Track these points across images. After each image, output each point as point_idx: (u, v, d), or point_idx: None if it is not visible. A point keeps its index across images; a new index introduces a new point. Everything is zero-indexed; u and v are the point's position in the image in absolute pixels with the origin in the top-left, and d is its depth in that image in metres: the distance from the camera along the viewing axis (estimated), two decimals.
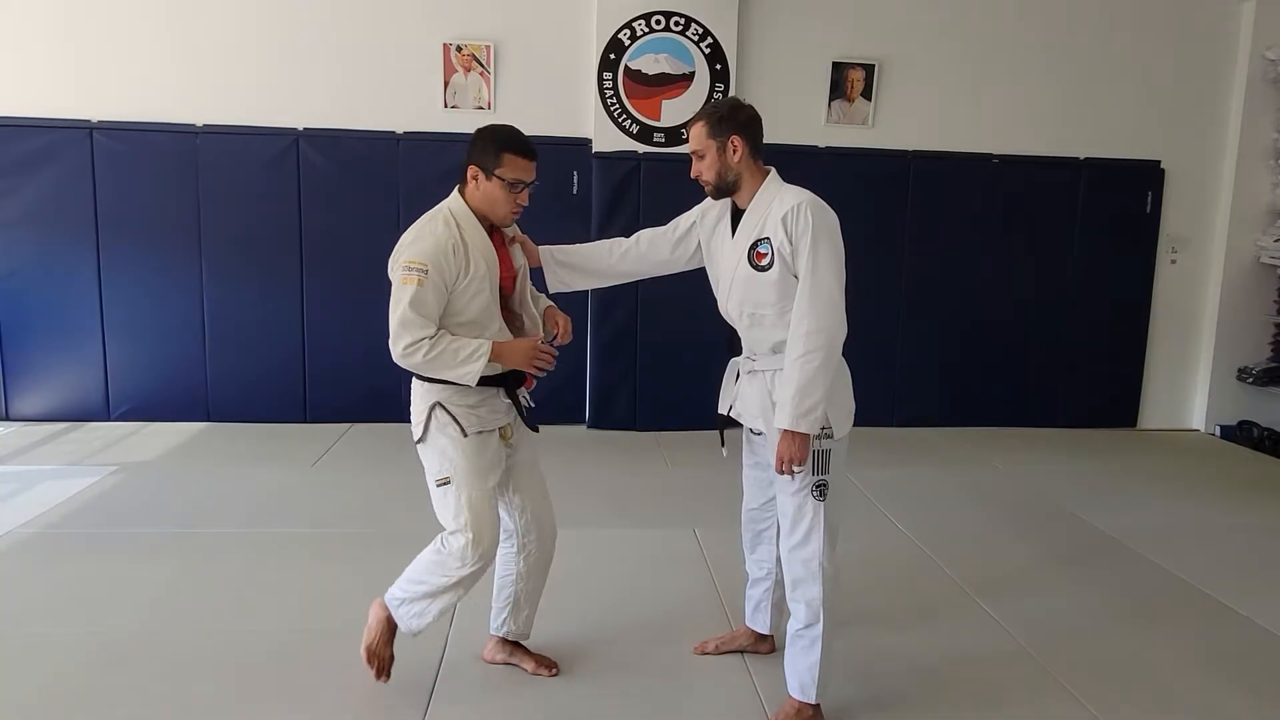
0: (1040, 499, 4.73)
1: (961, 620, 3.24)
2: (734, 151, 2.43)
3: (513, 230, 2.60)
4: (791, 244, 2.34)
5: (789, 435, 2.31)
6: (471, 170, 2.44)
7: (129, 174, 5.55)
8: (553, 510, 2.72)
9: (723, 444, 2.72)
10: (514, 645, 2.78)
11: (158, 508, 4.19)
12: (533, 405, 2.67)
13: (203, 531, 3.90)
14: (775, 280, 2.38)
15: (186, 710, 2.54)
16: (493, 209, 2.44)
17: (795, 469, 2.34)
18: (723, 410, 2.67)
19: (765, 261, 2.39)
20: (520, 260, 2.59)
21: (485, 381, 2.43)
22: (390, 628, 2.61)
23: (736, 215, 2.52)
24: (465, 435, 2.47)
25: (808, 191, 2.42)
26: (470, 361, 2.35)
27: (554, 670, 2.74)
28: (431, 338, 2.35)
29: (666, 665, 2.84)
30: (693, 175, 2.51)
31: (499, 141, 2.41)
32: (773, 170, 2.50)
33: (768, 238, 2.38)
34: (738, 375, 2.64)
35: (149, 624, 3.03)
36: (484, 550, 2.48)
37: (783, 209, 2.37)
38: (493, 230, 2.51)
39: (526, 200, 2.46)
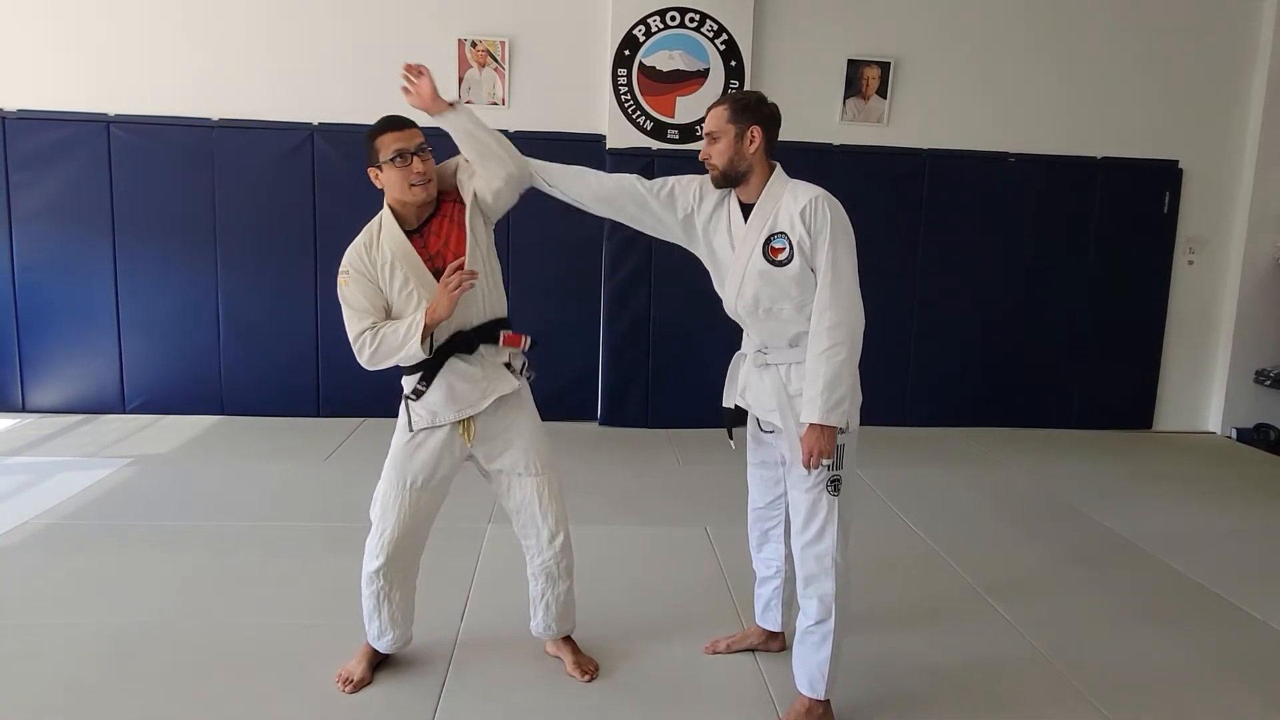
0: (1054, 500, 4.70)
1: (974, 621, 3.22)
2: (751, 142, 2.41)
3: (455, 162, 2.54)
4: (811, 238, 2.34)
5: (817, 429, 2.31)
6: (371, 174, 2.50)
7: (146, 168, 5.58)
8: (553, 519, 2.64)
9: (730, 436, 2.73)
10: (562, 640, 2.80)
11: (171, 500, 4.21)
12: (528, 376, 2.63)
13: (216, 524, 3.92)
14: (795, 275, 2.36)
15: (199, 702, 2.55)
16: (400, 191, 2.45)
17: (824, 462, 2.34)
18: (728, 404, 2.67)
19: (783, 256, 2.37)
20: (470, 249, 2.47)
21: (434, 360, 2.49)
22: (368, 649, 2.71)
23: (741, 210, 2.49)
24: (411, 431, 2.55)
25: (816, 185, 2.42)
26: (409, 337, 2.41)
27: (588, 675, 2.72)
28: (371, 329, 2.44)
29: (678, 663, 2.84)
30: (701, 157, 2.48)
31: (368, 136, 2.48)
32: (778, 165, 2.49)
33: (783, 232, 2.37)
34: (739, 370, 2.64)
35: (162, 616, 3.05)
36: (385, 544, 2.58)
37: (798, 204, 2.36)
38: (432, 217, 2.50)
39: (422, 166, 2.43)
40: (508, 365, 2.57)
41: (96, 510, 4.06)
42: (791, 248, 2.36)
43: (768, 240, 2.39)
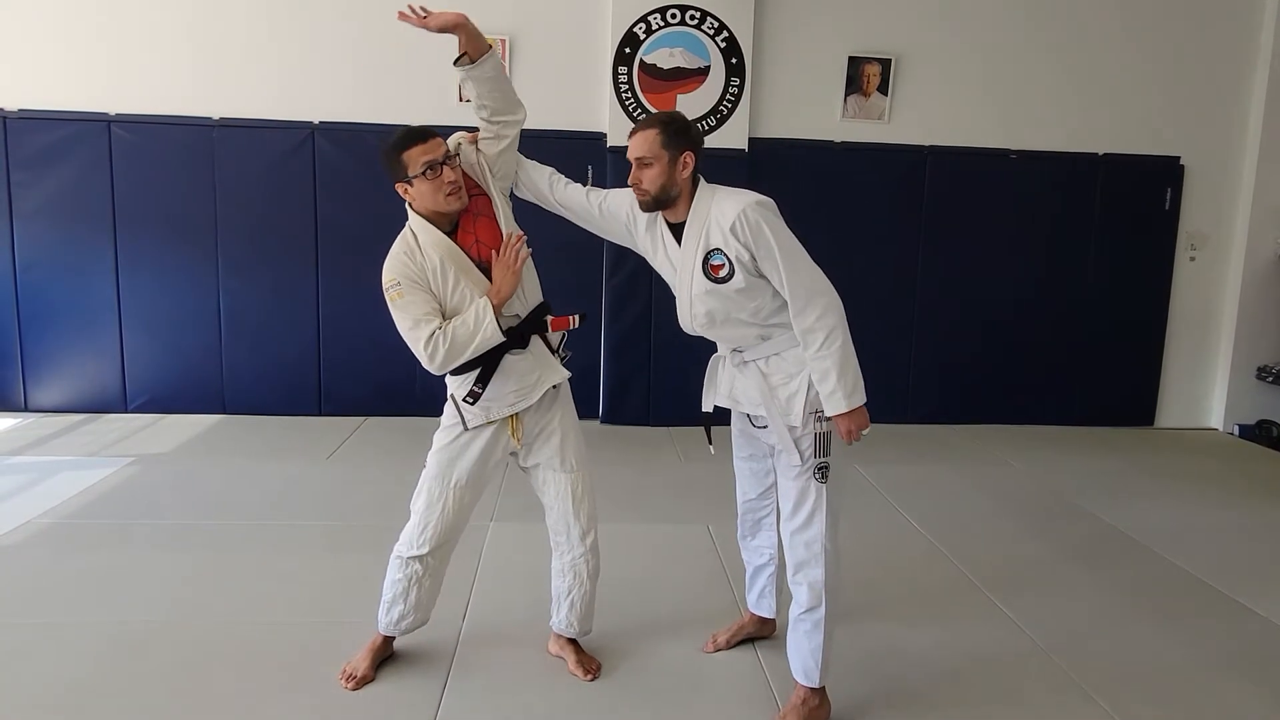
0: (1056, 496, 4.70)
1: (976, 617, 3.22)
2: (684, 167, 2.41)
3: (455, 144, 2.53)
4: (750, 252, 2.34)
5: (845, 414, 2.35)
6: (399, 189, 2.47)
7: (146, 167, 5.58)
8: (585, 517, 2.68)
9: (709, 441, 2.75)
10: (566, 640, 2.80)
11: (174, 499, 4.22)
12: (564, 356, 2.69)
13: (218, 523, 3.92)
14: (741, 287, 2.38)
15: (202, 700, 2.55)
16: (434, 203, 2.44)
17: (864, 434, 2.39)
18: (707, 408, 2.70)
19: (724, 273, 2.38)
20: (507, 227, 2.52)
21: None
22: (373, 645, 2.71)
23: (672, 230, 2.49)
24: (465, 428, 2.55)
25: (737, 190, 2.42)
26: (482, 319, 2.40)
27: (590, 674, 2.72)
28: (440, 329, 2.41)
29: (680, 661, 2.84)
30: (631, 182, 2.46)
31: (392, 150, 2.43)
32: (701, 178, 2.48)
33: (718, 248, 2.38)
34: (718, 372, 2.66)
35: (165, 614, 3.05)
36: (429, 538, 2.60)
37: (725, 219, 2.35)
38: (461, 215, 2.50)
39: (453, 175, 2.42)
40: (553, 350, 2.63)
41: (98, 509, 4.07)
42: (730, 263, 2.37)
43: (705, 259, 2.40)
